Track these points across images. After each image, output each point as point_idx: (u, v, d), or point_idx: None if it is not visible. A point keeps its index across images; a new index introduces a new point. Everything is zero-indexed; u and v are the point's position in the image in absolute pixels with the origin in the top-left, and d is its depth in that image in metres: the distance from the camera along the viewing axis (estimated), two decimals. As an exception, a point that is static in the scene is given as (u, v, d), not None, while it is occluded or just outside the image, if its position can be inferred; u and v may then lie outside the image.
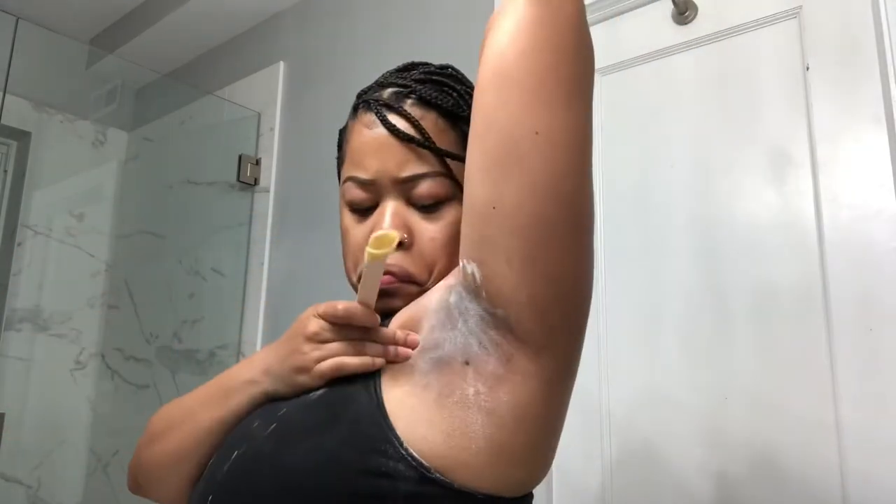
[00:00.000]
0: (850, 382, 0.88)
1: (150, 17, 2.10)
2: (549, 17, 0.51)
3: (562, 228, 0.50)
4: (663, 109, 1.12)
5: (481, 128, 0.51)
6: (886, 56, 0.91)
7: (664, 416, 1.03)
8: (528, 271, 0.49)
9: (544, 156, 0.49)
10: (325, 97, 1.76)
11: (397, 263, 0.60)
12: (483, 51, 0.53)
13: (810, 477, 0.89)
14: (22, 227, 1.99)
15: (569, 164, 0.50)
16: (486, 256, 0.51)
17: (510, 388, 0.51)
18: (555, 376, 0.53)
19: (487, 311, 0.51)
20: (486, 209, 0.50)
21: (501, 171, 0.50)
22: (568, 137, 0.50)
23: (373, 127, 0.62)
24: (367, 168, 0.61)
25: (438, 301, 0.56)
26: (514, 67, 0.50)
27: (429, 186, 0.60)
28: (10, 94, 1.69)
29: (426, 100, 0.62)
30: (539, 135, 0.49)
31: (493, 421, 0.51)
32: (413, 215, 0.61)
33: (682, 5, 1.11)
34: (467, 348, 0.52)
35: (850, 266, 0.90)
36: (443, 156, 0.61)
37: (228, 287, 1.85)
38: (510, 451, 0.52)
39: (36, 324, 2.00)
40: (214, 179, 1.95)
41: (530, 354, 0.51)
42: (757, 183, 1.01)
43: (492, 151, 0.50)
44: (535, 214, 0.49)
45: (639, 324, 1.08)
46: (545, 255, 0.50)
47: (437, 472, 0.50)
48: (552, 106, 0.50)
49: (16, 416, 1.87)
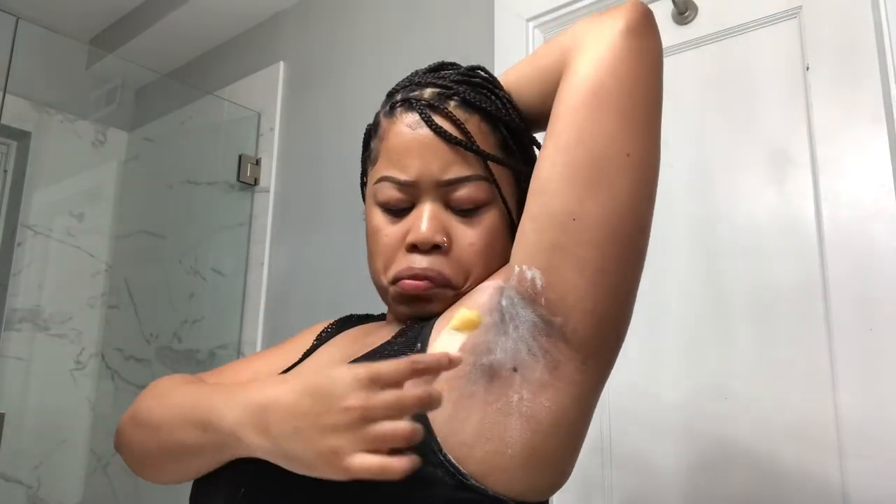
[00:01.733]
0: (850, 382, 0.88)
1: (150, 17, 2.09)
2: (645, 52, 0.56)
3: (633, 246, 0.55)
4: (663, 109, 1.12)
5: (571, 141, 0.54)
6: (886, 56, 0.91)
7: (664, 416, 1.03)
8: (599, 281, 0.52)
9: (631, 177, 0.54)
10: (325, 97, 1.76)
11: (433, 267, 0.59)
12: (571, 70, 0.56)
13: (810, 477, 0.89)
14: (22, 227, 1.99)
15: (649, 187, 0.56)
16: (556, 263, 0.53)
17: (552, 395, 0.53)
18: (595, 384, 0.56)
19: (542, 318, 0.53)
20: (565, 219, 0.53)
21: (588, 186, 0.53)
22: (651, 163, 0.56)
23: (416, 128, 0.60)
24: (407, 169, 0.60)
25: (490, 302, 0.55)
26: (612, 91, 0.54)
27: (470, 190, 0.60)
28: (10, 94, 1.69)
29: (470, 102, 0.61)
30: (630, 157, 0.54)
31: (531, 426, 0.52)
32: (451, 219, 0.60)
33: (682, 5, 1.11)
34: (516, 354, 0.53)
35: (850, 266, 0.90)
36: (487, 159, 0.60)
37: (228, 287, 1.85)
38: (542, 456, 0.53)
39: (36, 324, 2.00)
40: (214, 179, 1.95)
41: (578, 363, 0.53)
42: (757, 183, 1.01)
43: (580, 165, 0.53)
44: (616, 230, 0.53)
45: (639, 324, 1.08)
46: (616, 268, 0.53)
47: (473, 478, 0.51)
48: (643, 132, 0.55)
49: (16, 416, 1.87)
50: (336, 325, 0.76)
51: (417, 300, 0.59)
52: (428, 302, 0.59)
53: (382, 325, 0.69)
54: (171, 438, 0.56)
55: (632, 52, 0.55)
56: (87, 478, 2.04)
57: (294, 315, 1.68)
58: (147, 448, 0.59)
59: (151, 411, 0.60)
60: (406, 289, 0.59)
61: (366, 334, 0.69)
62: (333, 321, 0.77)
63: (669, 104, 1.12)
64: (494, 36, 1.35)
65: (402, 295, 0.60)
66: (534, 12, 1.28)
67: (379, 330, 0.67)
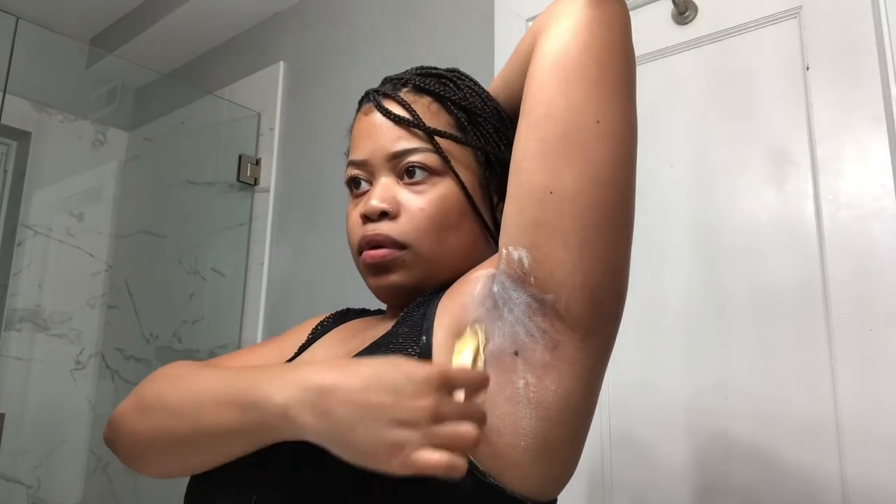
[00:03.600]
0: (850, 382, 0.88)
1: (150, 17, 2.10)
2: (609, 19, 0.55)
3: (616, 214, 0.53)
4: (663, 109, 1.12)
5: (539, 117, 0.54)
6: (886, 56, 0.91)
7: (664, 416, 1.03)
8: (585, 254, 0.51)
9: (605, 144, 0.52)
10: (325, 97, 1.76)
11: (381, 231, 0.61)
12: (538, 48, 0.57)
13: (810, 477, 0.89)
14: (22, 227, 1.99)
15: (625, 153, 0.54)
16: (540, 240, 0.52)
17: (556, 377, 0.52)
18: (597, 363, 0.54)
19: (535, 298, 0.52)
20: (543, 194, 0.52)
21: (561, 158, 0.52)
22: (625, 128, 0.54)
23: (369, 113, 0.65)
24: (362, 150, 0.65)
25: (482, 290, 0.56)
26: (576, 60, 0.54)
27: (417, 159, 0.62)
28: (10, 94, 1.69)
29: (420, 87, 0.65)
30: (600, 124, 0.53)
31: (540, 414, 0.52)
32: (403, 190, 0.63)
33: (682, 5, 1.11)
34: (515, 337, 0.53)
35: (850, 266, 0.90)
36: (431, 133, 0.63)
37: (228, 287, 1.85)
38: (553, 447, 0.53)
39: (36, 324, 2.00)
40: (214, 179, 1.95)
41: (577, 341, 0.52)
42: (757, 183, 1.01)
43: (551, 139, 0.53)
44: (594, 200, 0.52)
45: (639, 323, 1.08)
46: (601, 239, 0.52)
47: (490, 476, 0.51)
48: (612, 98, 0.54)
49: (16, 416, 1.87)
50: (332, 318, 0.76)
51: (378, 269, 0.62)
52: (388, 271, 0.62)
53: (382, 319, 0.69)
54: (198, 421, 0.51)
55: (594, 20, 0.55)
56: (87, 478, 2.04)
57: (294, 315, 1.68)
58: (156, 434, 0.55)
59: (165, 395, 0.56)
60: (366, 259, 0.62)
61: (365, 328, 0.69)
62: (329, 315, 0.77)
63: (669, 104, 1.13)
64: (494, 36, 1.35)
65: (366, 266, 0.63)
66: (534, 12, 1.28)
67: (379, 324, 0.68)
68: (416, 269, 0.62)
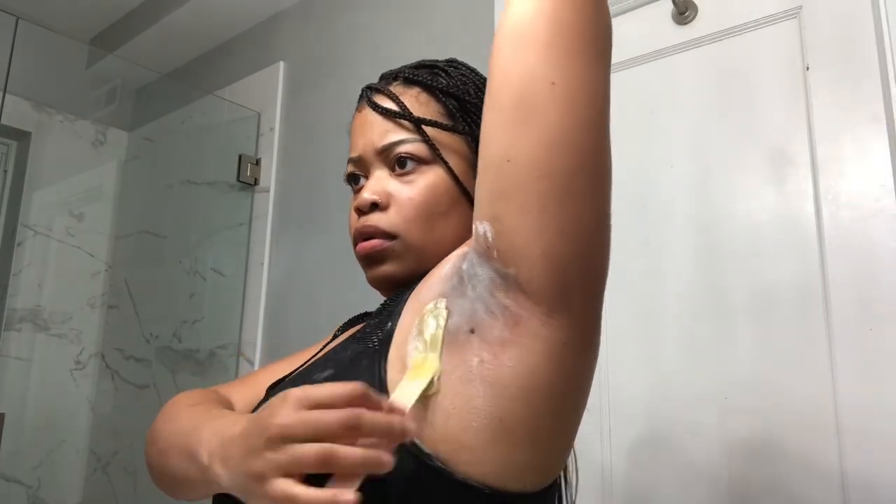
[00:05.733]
0: (849, 382, 0.88)
1: (150, 17, 2.10)
2: None
3: (578, 182, 0.49)
4: (663, 109, 1.12)
5: (496, 85, 0.51)
6: (886, 56, 0.91)
7: (664, 416, 1.03)
8: (544, 222, 0.48)
9: (561, 107, 0.49)
10: (325, 97, 1.76)
11: (371, 223, 0.62)
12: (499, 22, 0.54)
13: (810, 477, 0.89)
14: (22, 227, 1.99)
15: (586, 118, 0.50)
16: (499, 211, 0.50)
17: (516, 353, 0.49)
18: (569, 342, 0.50)
19: (498, 273, 0.50)
20: (500, 163, 0.50)
21: (517, 124, 0.49)
22: (586, 91, 0.50)
23: (362, 110, 0.67)
24: (356, 146, 0.66)
25: (451, 268, 0.55)
26: (531, 23, 0.50)
27: (405, 149, 0.63)
28: (10, 94, 1.69)
29: (409, 79, 0.66)
30: (555, 85, 0.49)
31: (496, 391, 0.49)
32: (394, 182, 0.63)
33: (682, 5, 1.11)
34: (473, 315, 0.51)
35: (850, 266, 0.90)
36: (418, 122, 0.63)
37: (228, 287, 1.85)
38: (513, 427, 0.49)
39: (36, 324, 2.01)
40: (214, 179, 1.95)
41: (541, 316, 0.49)
42: (757, 183, 1.01)
43: (507, 106, 0.50)
44: (551, 166, 0.48)
45: (639, 323, 1.08)
46: (561, 208, 0.49)
47: (437, 460, 0.49)
48: (569, 59, 0.49)
49: (16, 416, 1.87)
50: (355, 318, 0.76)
51: (370, 260, 0.63)
52: (380, 261, 0.63)
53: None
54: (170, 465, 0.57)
55: None
56: (87, 478, 2.04)
57: (294, 315, 1.68)
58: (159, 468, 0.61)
59: (160, 434, 0.62)
60: (359, 251, 0.64)
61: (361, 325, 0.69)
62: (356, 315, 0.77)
63: (669, 104, 1.13)
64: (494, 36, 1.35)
65: (359, 258, 0.64)
66: (534, 12, 1.28)
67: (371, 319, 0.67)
68: (407, 259, 0.62)
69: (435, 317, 0.52)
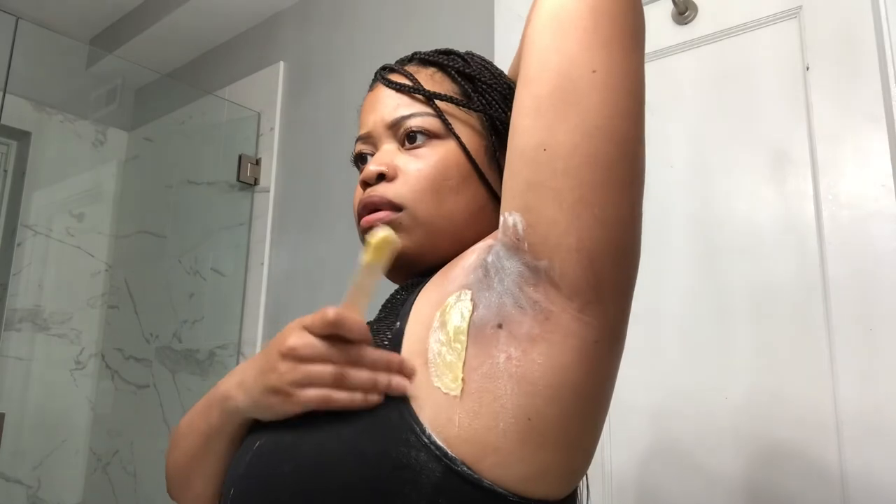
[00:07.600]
0: (849, 382, 0.88)
1: (150, 17, 2.10)
2: None
3: (616, 171, 0.48)
4: (663, 109, 1.12)
5: (534, 72, 0.50)
6: (886, 56, 0.91)
7: (664, 416, 1.03)
8: (581, 213, 0.47)
9: (601, 95, 0.48)
10: (325, 97, 1.76)
11: (377, 193, 0.60)
12: (533, 8, 0.53)
13: (810, 476, 0.89)
14: (22, 227, 2.00)
15: (626, 105, 0.49)
16: (532, 202, 0.49)
17: (545, 349, 0.47)
18: (600, 338, 0.49)
19: (528, 266, 0.48)
20: (536, 153, 0.49)
21: (556, 112, 0.49)
22: (626, 79, 0.50)
23: (375, 89, 0.66)
24: (365, 123, 0.65)
25: (476, 259, 0.53)
26: (572, 10, 0.50)
27: (415, 122, 0.61)
28: (10, 94, 1.69)
29: (424, 59, 0.66)
30: (596, 73, 0.48)
31: (524, 389, 0.47)
32: (403, 155, 0.61)
33: (682, 5, 1.11)
34: (501, 309, 0.49)
35: (850, 266, 0.90)
36: (431, 97, 0.62)
37: (228, 287, 1.85)
38: (541, 427, 0.47)
39: (36, 324, 2.01)
40: (214, 179, 1.95)
41: (573, 311, 0.47)
42: (757, 183, 1.01)
43: (545, 93, 0.49)
44: (590, 154, 0.47)
45: (639, 323, 1.08)
46: (598, 198, 0.47)
47: (463, 463, 0.46)
48: (610, 47, 0.49)
49: (16, 416, 1.87)
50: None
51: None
52: None
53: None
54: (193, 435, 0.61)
55: None
56: (87, 478, 2.04)
57: (294, 315, 1.66)
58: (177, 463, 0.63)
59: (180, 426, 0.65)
60: (364, 225, 0.61)
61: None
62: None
63: (669, 104, 1.13)
64: (494, 36, 1.35)
65: (364, 233, 0.61)
66: (534, 12, 1.28)
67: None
68: (415, 233, 0.59)
69: (459, 309, 0.50)
